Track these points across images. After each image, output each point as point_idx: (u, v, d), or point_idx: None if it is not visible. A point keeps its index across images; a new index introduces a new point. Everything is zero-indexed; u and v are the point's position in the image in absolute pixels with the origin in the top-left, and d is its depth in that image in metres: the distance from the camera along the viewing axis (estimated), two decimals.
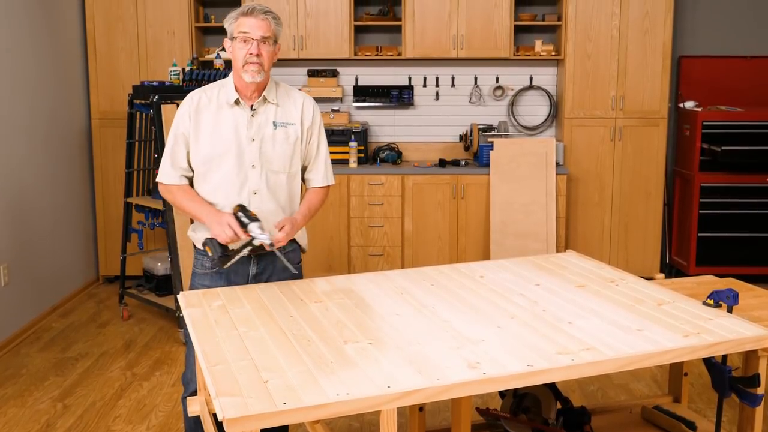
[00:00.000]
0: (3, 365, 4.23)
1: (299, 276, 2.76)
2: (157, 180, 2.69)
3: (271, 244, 2.48)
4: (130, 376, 4.08)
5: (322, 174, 2.75)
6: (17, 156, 4.68)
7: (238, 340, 2.15)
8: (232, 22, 2.57)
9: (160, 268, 5.00)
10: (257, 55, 2.53)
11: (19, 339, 4.60)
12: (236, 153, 2.58)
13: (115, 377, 4.07)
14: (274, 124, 2.62)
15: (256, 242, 2.48)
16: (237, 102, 2.61)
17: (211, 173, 2.61)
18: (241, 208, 2.53)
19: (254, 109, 2.61)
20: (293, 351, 2.06)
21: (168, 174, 2.64)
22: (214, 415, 2.08)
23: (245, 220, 2.48)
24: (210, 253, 2.53)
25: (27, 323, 4.74)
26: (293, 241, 2.73)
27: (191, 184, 2.68)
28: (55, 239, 5.14)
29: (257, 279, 2.69)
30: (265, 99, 2.62)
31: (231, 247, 2.52)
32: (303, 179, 2.77)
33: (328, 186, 2.78)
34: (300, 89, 5.72)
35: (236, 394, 1.80)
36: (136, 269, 5.47)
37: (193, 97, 2.65)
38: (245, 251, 2.51)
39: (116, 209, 5.62)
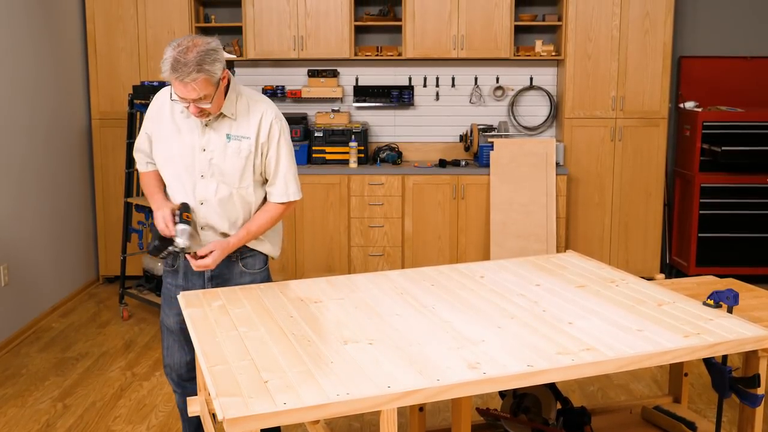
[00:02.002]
0: (3, 365, 4.23)
1: (262, 280, 2.74)
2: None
3: (183, 249, 2.51)
4: (130, 376, 4.08)
5: (280, 189, 2.65)
6: (17, 156, 4.68)
7: (238, 340, 2.15)
8: (165, 76, 2.39)
9: (160, 268, 5.00)
10: (198, 111, 2.45)
11: (19, 339, 4.60)
12: (188, 160, 2.56)
13: (115, 377, 4.06)
14: (228, 137, 2.55)
15: (176, 242, 2.49)
16: None
17: (166, 173, 2.64)
18: (183, 206, 2.56)
19: (208, 119, 2.54)
20: (293, 351, 2.06)
21: (138, 159, 2.76)
22: (214, 415, 2.08)
23: (177, 219, 2.52)
24: (149, 239, 2.55)
25: (27, 323, 4.74)
26: (249, 248, 2.70)
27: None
28: (55, 239, 5.14)
29: (214, 281, 2.69)
30: (221, 114, 2.54)
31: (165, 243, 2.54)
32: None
33: (290, 202, 2.68)
34: (300, 89, 5.79)
35: (236, 394, 1.80)
36: (136, 269, 5.47)
37: (157, 98, 2.65)
38: (171, 248, 2.52)
39: (116, 209, 5.63)
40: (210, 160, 2.55)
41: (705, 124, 5.52)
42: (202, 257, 2.52)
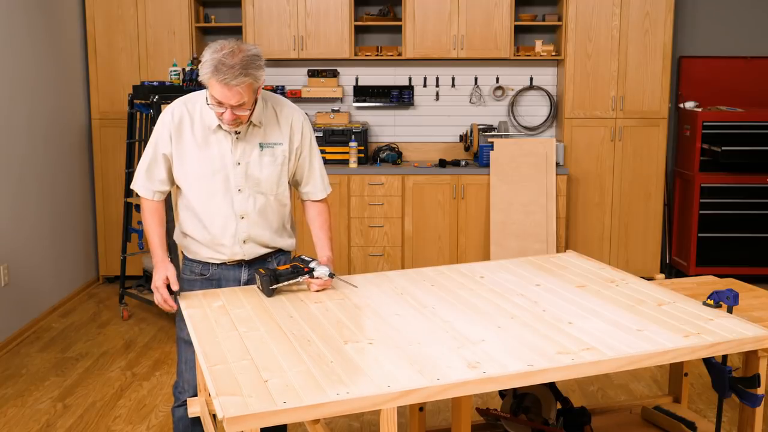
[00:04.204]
0: (3, 365, 4.23)
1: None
2: (131, 187, 2.63)
3: (332, 275, 2.58)
4: (130, 376, 4.08)
5: (319, 186, 2.68)
6: (17, 156, 4.68)
7: (238, 340, 2.15)
8: (205, 79, 2.31)
9: None
10: (234, 119, 2.38)
11: (19, 339, 4.60)
12: (222, 176, 2.49)
13: (115, 377, 4.06)
14: (261, 146, 2.51)
15: (316, 273, 2.55)
16: (220, 126, 2.47)
17: (196, 192, 2.53)
18: (300, 258, 2.60)
19: (239, 132, 2.48)
20: (293, 351, 2.06)
21: (143, 186, 2.57)
22: (214, 416, 2.08)
23: (312, 265, 2.56)
24: (260, 287, 2.56)
25: (27, 323, 4.74)
26: (280, 249, 2.71)
27: (172, 197, 2.65)
28: (55, 239, 5.14)
29: (248, 285, 2.66)
30: (251, 123, 2.47)
31: (280, 276, 2.54)
32: (299, 192, 2.72)
33: (326, 196, 2.72)
34: (300, 89, 5.79)
35: (236, 393, 1.80)
36: (136, 269, 5.47)
37: (174, 112, 2.49)
38: (297, 280, 2.56)
39: (116, 209, 5.63)
40: (246, 173, 2.50)
41: (705, 124, 5.52)
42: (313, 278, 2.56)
